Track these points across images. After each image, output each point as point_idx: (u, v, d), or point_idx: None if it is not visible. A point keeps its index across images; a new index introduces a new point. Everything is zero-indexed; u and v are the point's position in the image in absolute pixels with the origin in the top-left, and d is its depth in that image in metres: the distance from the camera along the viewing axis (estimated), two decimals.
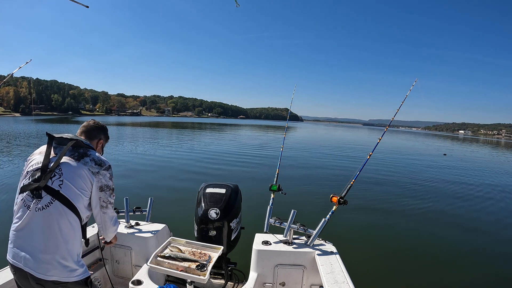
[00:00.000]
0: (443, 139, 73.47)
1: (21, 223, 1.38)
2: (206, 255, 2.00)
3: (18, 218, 1.39)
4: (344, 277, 1.91)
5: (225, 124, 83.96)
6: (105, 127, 1.85)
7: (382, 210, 7.28)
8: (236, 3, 3.50)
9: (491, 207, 8.42)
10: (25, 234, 1.37)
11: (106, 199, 1.53)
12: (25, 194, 1.42)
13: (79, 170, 1.44)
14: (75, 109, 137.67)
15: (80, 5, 2.42)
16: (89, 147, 1.57)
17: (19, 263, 1.36)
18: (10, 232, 1.41)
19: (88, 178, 1.45)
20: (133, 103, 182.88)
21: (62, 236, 1.38)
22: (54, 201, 1.38)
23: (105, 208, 1.55)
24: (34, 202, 1.38)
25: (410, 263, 4.74)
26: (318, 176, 11.32)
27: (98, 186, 1.48)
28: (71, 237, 1.41)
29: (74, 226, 1.42)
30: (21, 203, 1.41)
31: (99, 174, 1.49)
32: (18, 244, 1.38)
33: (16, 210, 1.43)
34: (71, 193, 1.41)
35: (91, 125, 1.75)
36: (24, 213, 1.38)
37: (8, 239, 1.42)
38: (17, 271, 1.40)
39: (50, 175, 1.41)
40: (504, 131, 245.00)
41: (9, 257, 1.40)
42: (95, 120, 1.83)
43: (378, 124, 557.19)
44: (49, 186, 1.40)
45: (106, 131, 1.85)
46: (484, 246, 5.55)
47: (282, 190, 2.79)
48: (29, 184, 1.42)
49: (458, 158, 23.11)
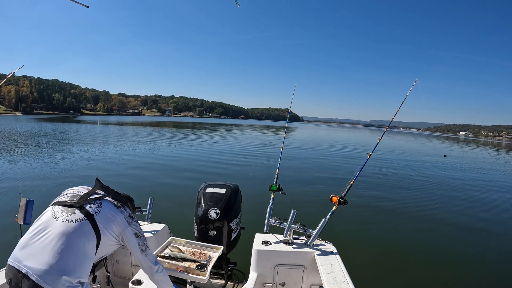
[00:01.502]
0: (444, 141, 73.39)
1: (41, 229, 1.36)
2: (206, 255, 2.00)
3: (40, 225, 1.38)
4: (344, 277, 1.91)
5: (225, 124, 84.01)
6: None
7: (382, 210, 7.28)
8: (236, 3, 3.50)
9: (491, 208, 8.40)
10: (41, 242, 1.34)
11: (143, 243, 1.60)
12: (56, 207, 1.44)
13: (117, 213, 1.53)
14: (76, 109, 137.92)
15: (80, 5, 2.42)
16: (125, 204, 1.68)
17: (23, 267, 1.30)
18: (24, 237, 1.38)
19: (122, 225, 1.52)
20: (134, 102, 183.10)
21: (77, 253, 1.36)
22: (85, 220, 1.41)
23: (145, 251, 1.61)
24: (64, 215, 1.40)
25: (410, 263, 4.73)
26: (318, 176, 11.32)
27: (133, 233, 1.56)
28: (84, 259, 1.39)
29: (89, 251, 1.41)
30: (49, 213, 1.42)
31: (132, 224, 1.58)
32: (31, 250, 1.33)
33: (41, 218, 1.42)
34: (103, 223, 1.45)
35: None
36: (48, 222, 1.38)
37: (6, 241, 1.39)
38: (14, 276, 1.32)
39: (89, 201, 1.48)
40: (505, 133, 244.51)
41: (13, 261, 1.34)
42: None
43: (379, 125, 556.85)
44: (85, 208, 1.45)
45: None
46: (484, 246, 5.56)
47: (282, 190, 2.79)
48: (66, 201, 1.47)
49: (458, 160, 23.09)
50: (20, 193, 2.09)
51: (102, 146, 17.37)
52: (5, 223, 4.76)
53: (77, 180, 8.56)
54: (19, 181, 8.14)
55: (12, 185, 7.53)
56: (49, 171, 9.63)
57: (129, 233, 1.54)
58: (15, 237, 1.46)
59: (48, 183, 8.00)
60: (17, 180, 8.22)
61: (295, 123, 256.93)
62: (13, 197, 6.71)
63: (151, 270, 1.62)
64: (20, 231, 2.14)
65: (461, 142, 72.73)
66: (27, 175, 8.90)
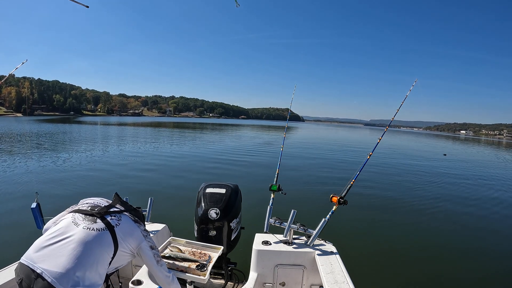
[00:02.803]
0: (444, 139, 73.29)
1: (61, 233, 1.38)
2: (206, 255, 2.00)
3: (59, 230, 1.40)
4: (344, 277, 1.91)
5: (226, 124, 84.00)
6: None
7: (382, 210, 7.28)
8: (236, 3, 3.50)
9: (492, 206, 8.40)
10: (60, 246, 1.35)
11: (158, 255, 1.66)
12: (77, 214, 1.48)
13: (135, 228, 1.59)
14: (77, 110, 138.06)
15: (80, 5, 2.42)
16: (141, 219, 1.73)
17: (38, 268, 1.30)
18: (41, 239, 1.39)
19: (139, 239, 1.57)
20: (135, 103, 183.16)
21: (94, 261, 1.38)
22: (106, 230, 1.45)
23: (160, 262, 1.66)
24: (85, 222, 1.44)
25: (411, 263, 4.73)
26: (318, 176, 11.32)
27: (149, 245, 1.61)
28: (99, 267, 1.41)
29: (105, 260, 1.44)
30: (69, 219, 1.45)
31: (148, 237, 1.65)
32: (48, 252, 1.34)
33: (59, 223, 1.45)
34: (122, 236, 1.49)
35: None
36: (69, 227, 1.41)
37: (5, 240, 1.40)
38: (26, 276, 1.31)
39: (110, 213, 1.53)
40: (506, 131, 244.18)
41: (27, 260, 1.33)
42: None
43: (380, 124, 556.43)
44: (106, 219, 1.49)
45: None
46: (485, 245, 5.55)
47: (282, 190, 2.79)
48: (87, 210, 1.51)
49: (458, 158, 23.06)
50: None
51: (103, 147, 17.40)
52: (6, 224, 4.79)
53: (78, 180, 8.56)
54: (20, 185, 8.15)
55: (11, 189, 7.55)
56: (50, 172, 9.65)
57: (145, 246, 1.59)
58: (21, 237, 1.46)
59: (49, 186, 8.00)
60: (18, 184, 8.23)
61: (295, 122, 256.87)
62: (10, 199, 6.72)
63: (167, 280, 1.68)
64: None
65: (461, 141, 72.65)
66: (27, 177, 8.92)
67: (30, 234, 1.85)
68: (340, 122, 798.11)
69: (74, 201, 1.65)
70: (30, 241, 1.40)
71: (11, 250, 3.46)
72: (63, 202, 6.25)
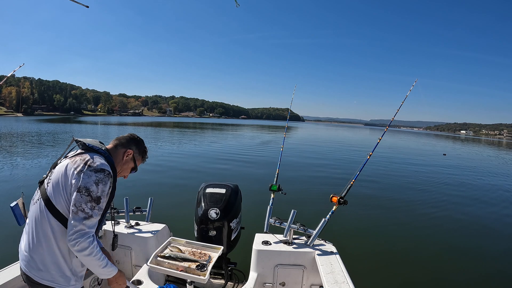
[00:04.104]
0: (444, 139, 73.25)
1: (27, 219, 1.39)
2: (206, 255, 2.00)
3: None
4: (344, 277, 1.91)
5: (226, 124, 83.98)
6: (138, 140, 1.64)
7: (382, 210, 7.27)
8: (236, 3, 3.50)
9: (491, 206, 8.40)
10: (24, 231, 1.37)
11: (80, 204, 1.23)
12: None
13: (66, 169, 1.29)
14: (77, 109, 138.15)
15: (80, 5, 2.42)
16: (93, 150, 1.38)
17: (20, 261, 1.35)
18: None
19: (70, 178, 1.27)
20: (135, 103, 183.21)
21: (44, 238, 1.28)
22: (40, 199, 1.31)
23: (75, 214, 1.23)
24: (33, 198, 1.39)
25: (411, 262, 4.72)
26: (318, 176, 11.30)
27: (77, 186, 1.24)
28: (52, 242, 1.29)
29: (56, 231, 1.28)
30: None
31: (83, 172, 1.26)
32: (20, 243, 1.37)
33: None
34: (54, 194, 1.28)
35: (124, 136, 1.62)
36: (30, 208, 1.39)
37: (5, 240, 1.41)
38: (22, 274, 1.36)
39: (49, 175, 1.36)
40: (506, 131, 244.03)
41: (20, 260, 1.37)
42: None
43: (380, 124, 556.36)
44: (43, 185, 1.35)
45: (138, 143, 1.63)
46: (485, 245, 5.54)
47: (282, 190, 2.79)
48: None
49: (457, 158, 23.06)
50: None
51: None
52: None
53: None
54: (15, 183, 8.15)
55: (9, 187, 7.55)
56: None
57: (74, 185, 1.28)
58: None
59: None
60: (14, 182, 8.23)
61: (295, 122, 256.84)
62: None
63: (71, 243, 1.28)
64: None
65: (461, 141, 72.60)
66: (26, 175, 8.92)
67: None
68: (340, 122, 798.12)
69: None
70: (13, 239, 1.42)
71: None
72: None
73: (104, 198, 1.30)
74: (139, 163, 1.64)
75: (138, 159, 1.63)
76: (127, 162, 1.56)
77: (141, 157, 1.65)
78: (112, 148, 1.52)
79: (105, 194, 1.30)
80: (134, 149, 1.60)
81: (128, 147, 1.57)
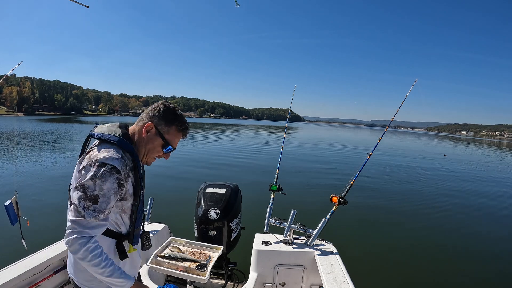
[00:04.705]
0: (445, 140, 73.16)
1: None
2: (206, 255, 2.00)
3: None
4: (344, 277, 1.90)
5: (227, 124, 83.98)
6: (163, 106, 1.23)
7: (382, 210, 7.26)
8: (236, 3, 3.49)
9: (491, 207, 8.39)
10: None
11: (75, 200, 1.06)
12: None
13: (76, 169, 1.17)
14: (78, 109, 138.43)
15: (80, 5, 2.42)
16: (103, 141, 1.17)
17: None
18: None
19: (78, 179, 1.10)
20: (136, 103, 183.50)
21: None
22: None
23: (70, 211, 1.08)
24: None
25: (411, 263, 4.72)
26: (318, 176, 11.30)
27: (76, 183, 1.09)
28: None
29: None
30: None
31: (84, 169, 1.09)
32: None
33: None
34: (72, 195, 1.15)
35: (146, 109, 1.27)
36: None
37: (5, 240, 1.39)
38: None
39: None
40: (507, 132, 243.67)
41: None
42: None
43: (380, 124, 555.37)
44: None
45: (162, 110, 1.22)
46: (485, 245, 5.54)
47: (282, 190, 2.78)
48: None
49: (458, 159, 23.03)
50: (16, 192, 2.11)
51: None
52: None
53: None
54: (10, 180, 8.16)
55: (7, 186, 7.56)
56: (46, 170, 9.66)
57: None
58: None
59: (44, 184, 8.01)
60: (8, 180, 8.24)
61: (296, 123, 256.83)
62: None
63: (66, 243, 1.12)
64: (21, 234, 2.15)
65: (462, 142, 72.49)
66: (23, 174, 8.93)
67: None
68: (341, 122, 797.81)
69: (64, 201, 1.46)
70: (4, 238, 1.39)
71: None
72: (52, 201, 6.28)
73: (104, 198, 1.06)
74: (173, 138, 1.24)
75: (168, 131, 1.22)
76: (150, 140, 1.21)
77: (171, 128, 1.22)
78: (135, 128, 1.23)
79: (106, 193, 1.06)
80: (156, 120, 1.21)
81: (147, 120, 1.21)
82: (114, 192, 1.10)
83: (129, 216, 1.23)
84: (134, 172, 1.17)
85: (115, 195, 1.10)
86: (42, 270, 1.83)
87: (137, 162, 1.18)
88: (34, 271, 1.78)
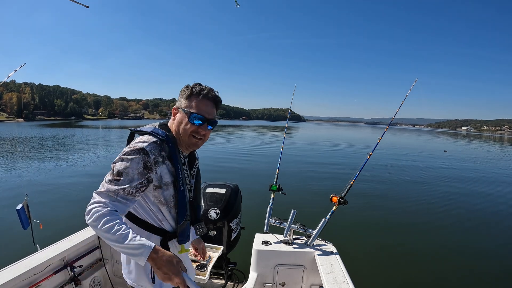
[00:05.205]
0: (446, 136, 73.03)
1: None
2: (206, 255, 2.00)
3: None
4: (344, 277, 1.90)
5: (227, 125, 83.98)
6: (187, 88, 1.25)
7: (383, 210, 7.24)
8: (236, 3, 3.49)
9: (494, 204, 8.36)
10: None
11: (107, 176, 1.11)
12: None
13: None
14: (78, 114, 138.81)
15: (80, 5, 2.42)
16: (141, 132, 1.23)
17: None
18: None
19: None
20: (136, 106, 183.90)
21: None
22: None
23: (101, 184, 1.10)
24: None
25: (411, 262, 4.70)
26: (318, 176, 11.29)
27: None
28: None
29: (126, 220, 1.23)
30: None
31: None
32: None
33: None
34: None
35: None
36: None
37: (5, 240, 1.39)
38: None
39: None
40: (507, 127, 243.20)
41: None
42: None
43: (381, 122, 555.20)
44: None
45: (184, 90, 1.25)
46: (486, 245, 5.50)
47: (282, 190, 2.78)
48: None
49: (459, 155, 22.99)
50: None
51: (104, 149, 17.43)
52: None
53: (77, 180, 8.58)
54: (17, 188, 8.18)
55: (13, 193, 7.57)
56: (50, 175, 9.68)
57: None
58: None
59: (49, 188, 8.03)
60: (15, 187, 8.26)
61: (296, 122, 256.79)
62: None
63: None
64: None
65: (463, 137, 72.35)
66: (28, 180, 8.95)
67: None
68: (341, 121, 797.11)
69: (72, 205, 1.59)
70: (17, 241, 1.39)
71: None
72: (58, 205, 6.28)
73: (127, 176, 1.07)
74: (195, 106, 1.21)
75: (189, 104, 1.21)
76: (179, 123, 1.23)
77: (190, 98, 1.22)
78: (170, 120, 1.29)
79: (129, 172, 1.07)
80: (177, 103, 1.25)
81: (174, 106, 1.27)
82: (139, 172, 1.09)
83: (170, 209, 1.21)
84: (171, 161, 1.18)
85: (139, 175, 1.09)
86: (42, 270, 1.84)
87: (174, 150, 1.19)
88: (34, 271, 1.79)
